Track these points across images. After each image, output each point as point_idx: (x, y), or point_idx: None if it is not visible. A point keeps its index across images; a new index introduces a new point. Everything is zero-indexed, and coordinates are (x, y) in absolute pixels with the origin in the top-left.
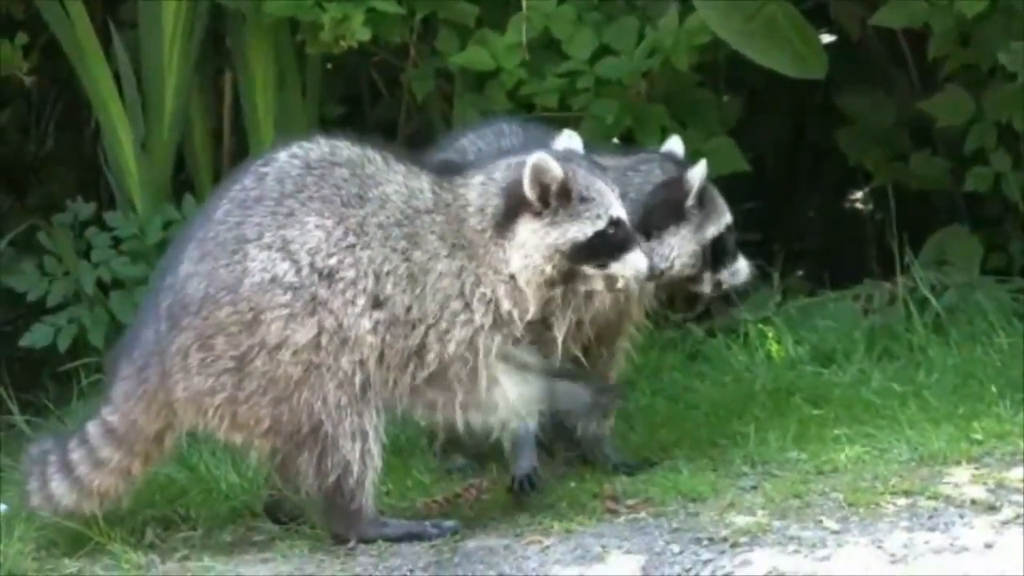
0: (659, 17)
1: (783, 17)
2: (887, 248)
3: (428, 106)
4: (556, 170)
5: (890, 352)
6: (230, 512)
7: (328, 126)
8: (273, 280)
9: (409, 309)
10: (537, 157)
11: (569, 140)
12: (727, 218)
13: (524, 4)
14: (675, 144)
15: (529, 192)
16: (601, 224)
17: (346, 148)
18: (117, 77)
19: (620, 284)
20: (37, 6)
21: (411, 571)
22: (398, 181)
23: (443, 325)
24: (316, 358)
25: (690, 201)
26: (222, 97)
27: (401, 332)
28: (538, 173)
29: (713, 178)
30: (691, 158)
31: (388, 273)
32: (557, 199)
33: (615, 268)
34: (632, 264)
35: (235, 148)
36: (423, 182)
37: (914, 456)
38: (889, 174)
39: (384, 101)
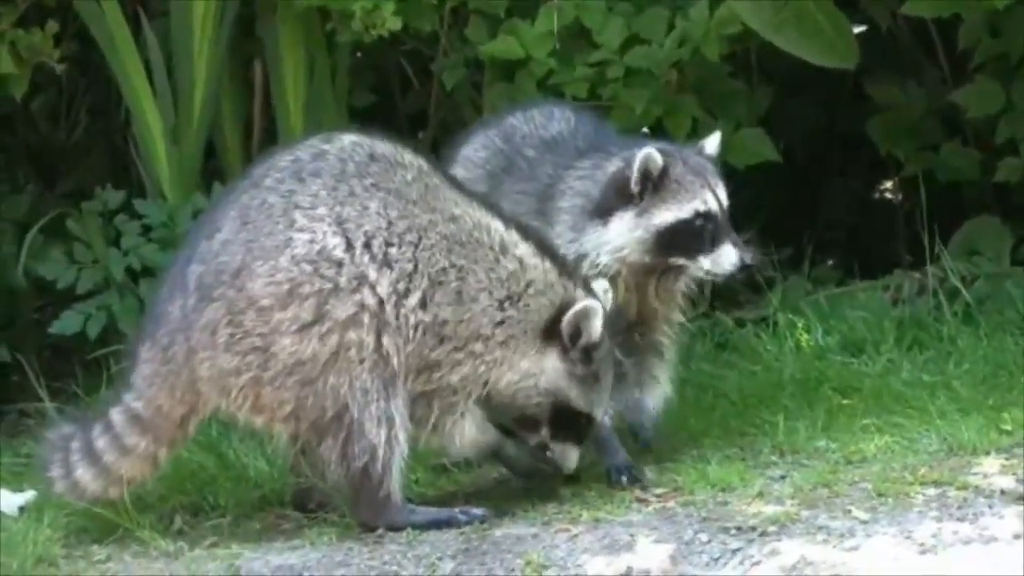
0: (690, 7)
1: (814, 7)
2: (917, 238)
3: (458, 95)
4: (596, 330)
5: (920, 342)
6: (259, 499)
7: (358, 115)
8: (320, 252)
9: (445, 324)
10: (590, 304)
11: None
12: (695, 204)
13: None
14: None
15: (564, 328)
16: (586, 409)
17: (410, 154)
18: (147, 65)
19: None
20: None
21: (440, 559)
22: (463, 205)
23: (461, 355)
24: (355, 335)
25: (634, 185)
26: (252, 86)
27: (431, 342)
28: (580, 319)
29: (742, 168)
30: (722, 148)
31: (442, 283)
32: (581, 355)
33: (554, 445)
34: (566, 455)
35: (265, 137)
36: (492, 221)
37: (943, 446)
38: (919, 164)
39: (414, 90)
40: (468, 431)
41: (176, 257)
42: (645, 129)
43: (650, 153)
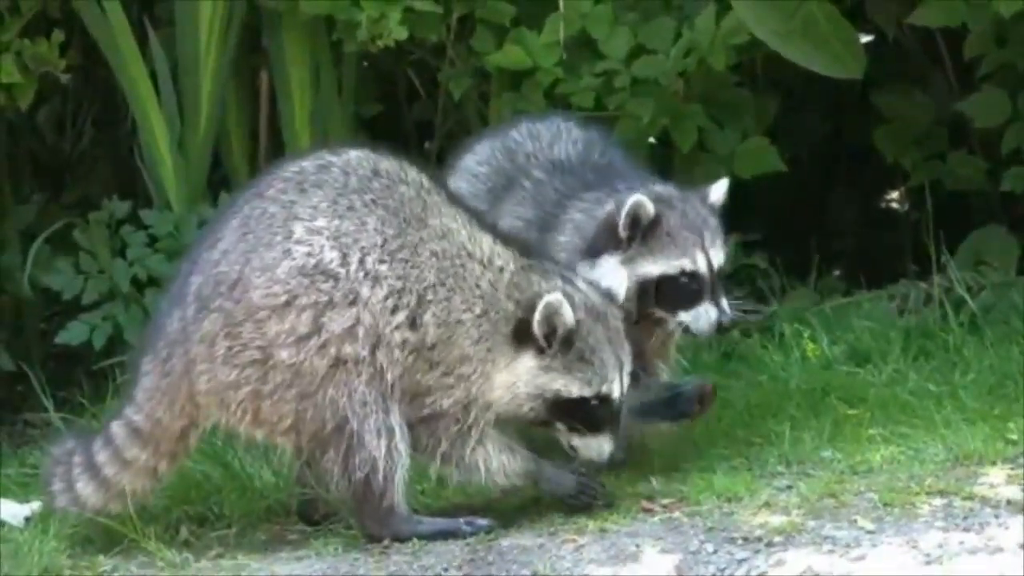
0: (696, 17)
1: (822, 17)
2: (923, 248)
3: (465, 105)
4: (568, 318)
5: (926, 352)
6: (265, 510)
7: (364, 125)
8: (316, 266)
9: (434, 347)
10: (552, 298)
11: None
12: (682, 262)
13: (561, 3)
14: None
15: (537, 330)
16: (588, 392)
17: (414, 171)
18: (153, 76)
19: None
20: (74, 4)
21: (445, 570)
22: (459, 221)
23: (450, 380)
24: (351, 349)
25: (622, 230)
26: (258, 96)
27: (421, 366)
28: (549, 313)
29: (748, 178)
30: (728, 158)
31: (430, 302)
32: (560, 345)
33: (576, 441)
34: (593, 447)
35: (271, 147)
36: (483, 236)
37: (949, 456)
38: (926, 173)
39: (421, 100)
40: (494, 459)
41: (179, 268)
42: (652, 139)
43: (640, 200)
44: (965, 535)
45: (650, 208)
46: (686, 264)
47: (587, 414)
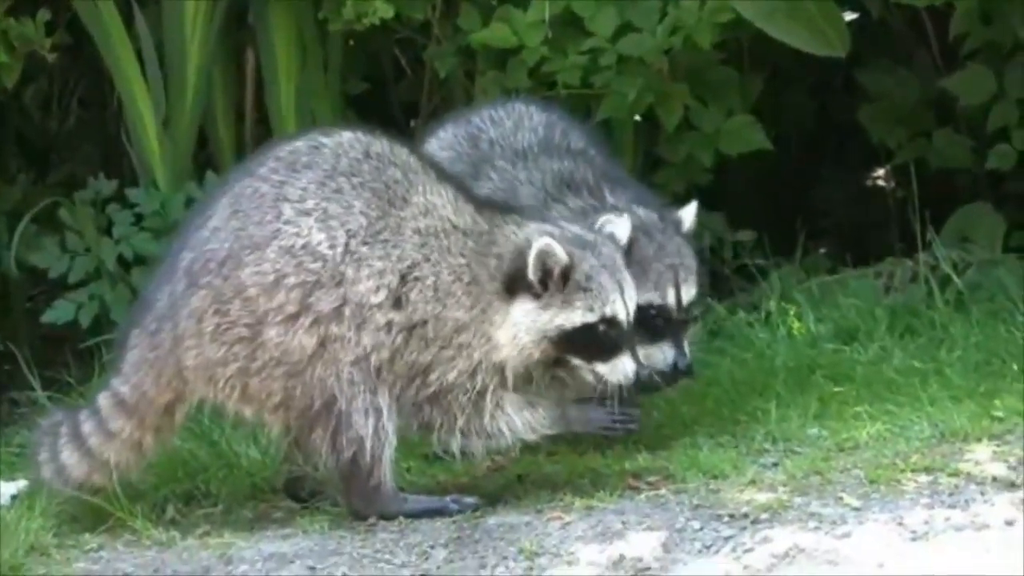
0: None
1: None
2: (909, 226)
3: (450, 84)
4: (561, 256)
5: (912, 329)
6: (251, 488)
7: (350, 104)
8: (305, 247)
9: (426, 323)
10: (543, 243)
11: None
12: (651, 296)
13: None
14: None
15: (532, 275)
16: (592, 317)
17: (404, 152)
18: (139, 54)
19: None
20: None
21: (432, 547)
22: (444, 196)
23: (450, 352)
24: (337, 329)
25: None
26: (244, 74)
27: (415, 344)
28: (543, 258)
29: (734, 156)
30: (713, 136)
31: (416, 279)
32: (556, 283)
33: (599, 368)
34: (618, 369)
35: (257, 125)
36: (466, 207)
37: (935, 433)
38: (911, 152)
39: (407, 79)
40: (516, 419)
41: (170, 245)
42: (637, 117)
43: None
44: (951, 512)
45: (625, 237)
46: (655, 299)
47: (598, 341)
